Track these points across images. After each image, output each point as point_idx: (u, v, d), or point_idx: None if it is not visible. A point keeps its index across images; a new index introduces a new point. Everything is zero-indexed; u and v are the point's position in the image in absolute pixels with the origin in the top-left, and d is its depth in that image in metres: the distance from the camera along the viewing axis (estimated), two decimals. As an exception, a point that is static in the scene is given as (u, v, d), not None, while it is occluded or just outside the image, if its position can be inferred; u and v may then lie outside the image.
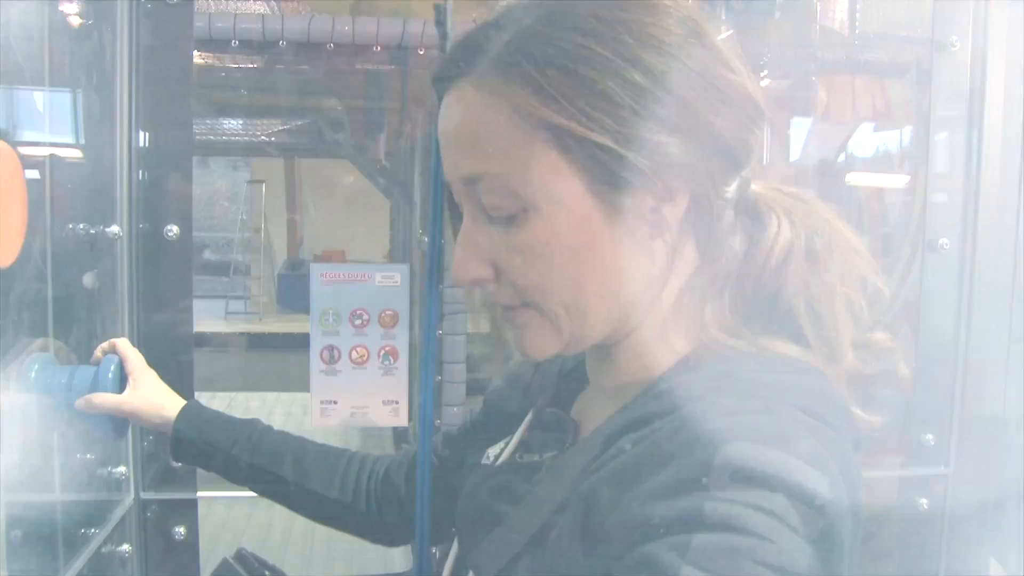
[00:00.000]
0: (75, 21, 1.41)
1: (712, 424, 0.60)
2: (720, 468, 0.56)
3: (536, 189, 0.67)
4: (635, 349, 0.75)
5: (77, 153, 1.49)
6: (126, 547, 1.61)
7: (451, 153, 0.72)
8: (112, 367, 1.29)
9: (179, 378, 1.53)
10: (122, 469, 1.60)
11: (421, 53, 2.41)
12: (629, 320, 0.73)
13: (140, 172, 1.57)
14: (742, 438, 0.58)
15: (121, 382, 1.30)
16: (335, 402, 2.03)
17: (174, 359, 1.60)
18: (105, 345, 1.31)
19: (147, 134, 1.57)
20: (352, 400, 2.03)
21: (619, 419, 0.71)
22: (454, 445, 1.09)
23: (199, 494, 1.68)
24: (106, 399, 1.24)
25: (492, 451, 0.90)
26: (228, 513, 3.80)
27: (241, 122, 6.06)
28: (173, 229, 1.58)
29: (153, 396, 1.26)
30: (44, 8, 1.33)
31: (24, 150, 1.30)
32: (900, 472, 1.97)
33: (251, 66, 3.43)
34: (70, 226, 1.44)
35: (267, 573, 1.05)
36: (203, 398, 1.39)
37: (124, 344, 1.31)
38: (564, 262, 0.68)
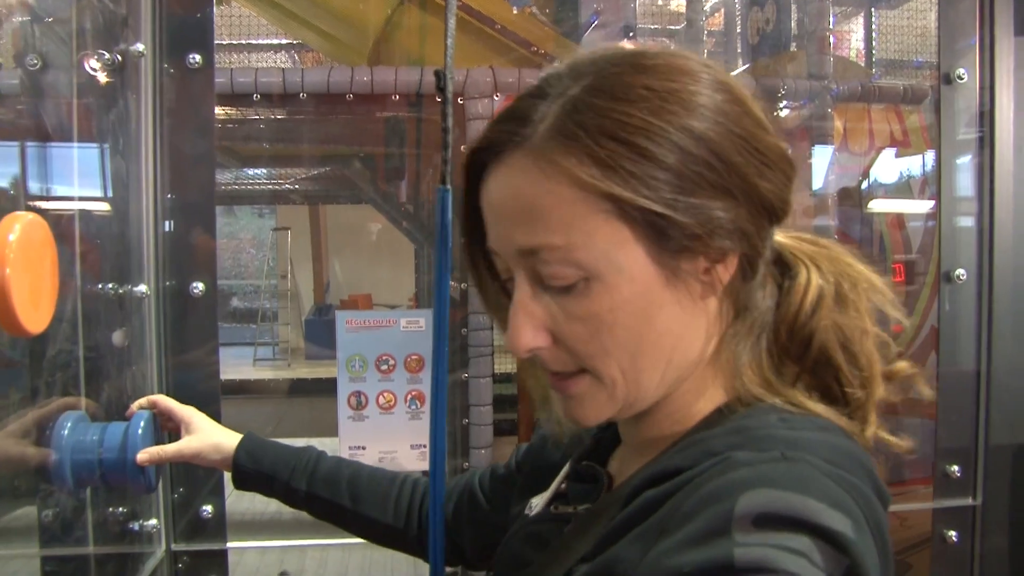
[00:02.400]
0: (102, 86, 1.46)
1: (730, 475, 0.62)
2: (743, 515, 0.57)
3: (599, 259, 0.68)
4: (668, 406, 0.77)
5: (105, 214, 1.54)
6: (159, 599, 1.64)
7: (506, 225, 0.72)
8: (142, 422, 1.31)
9: None
10: (153, 522, 1.63)
11: (439, 100, 2.45)
12: (679, 380, 0.75)
13: (165, 232, 1.61)
14: (761, 484, 0.60)
15: (152, 436, 1.33)
16: (363, 447, 2.05)
17: (202, 411, 1.64)
18: (143, 401, 1.34)
19: (171, 194, 1.61)
20: (380, 445, 2.05)
21: (643, 473, 0.72)
22: (498, 484, 1.12)
23: (229, 545, 1.70)
24: (167, 448, 1.28)
25: (535, 501, 0.92)
26: (260, 560, 3.79)
27: (266, 171, 6.12)
28: (198, 286, 1.62)
29: (210, 435, 1.30)
30: (72, 74, 1.39)
31: (54, 213, 1.34)
32: (928, 504, 1.96)
33: (274, 117, 3.51)
34: (100, 286, 1.48)
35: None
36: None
37: (164, 399, 1.35)
38: (626, 328, 0.69)
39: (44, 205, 1.35)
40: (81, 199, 1.43)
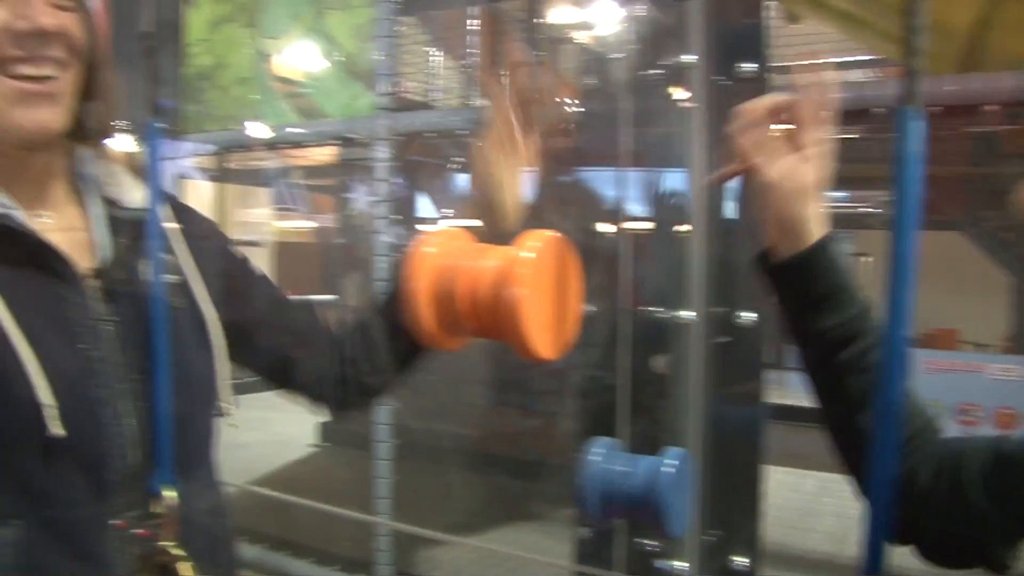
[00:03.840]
0: (651, 101, 1.42)
1: None
2: None
3: None
4: None
5: (653, 235, 1.49)
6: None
7: None
8: (672, 461, 1.23)
9: (746, 468, 1.49)
10: (683, 564, 1.53)
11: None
12: None
13: (715, 255, 1.51)
14: None
15: (684, 477, 1.23)
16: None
17: (743, 446, 1.52)
18: None
19: (723, 215, 1.50)
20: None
21: None
22: None
23: (767, 599, 1.55)
24: None
25: None
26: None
27: (842, 193, 5.98)
28: (747, 315, 1.49)
29: None
30: (624, 91, 1.36)
31: (598, 233, 1.32)
32: None
33: (849, 136, 3.31)
34: (644, 310, 1.44)
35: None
36: (792, 475, 1.28)
37: None
38: None
39: (589, 225, 1.34)
40: (628, 218, 1.40)
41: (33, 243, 0.79)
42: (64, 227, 0.86)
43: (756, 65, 1.42)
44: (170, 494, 0.82)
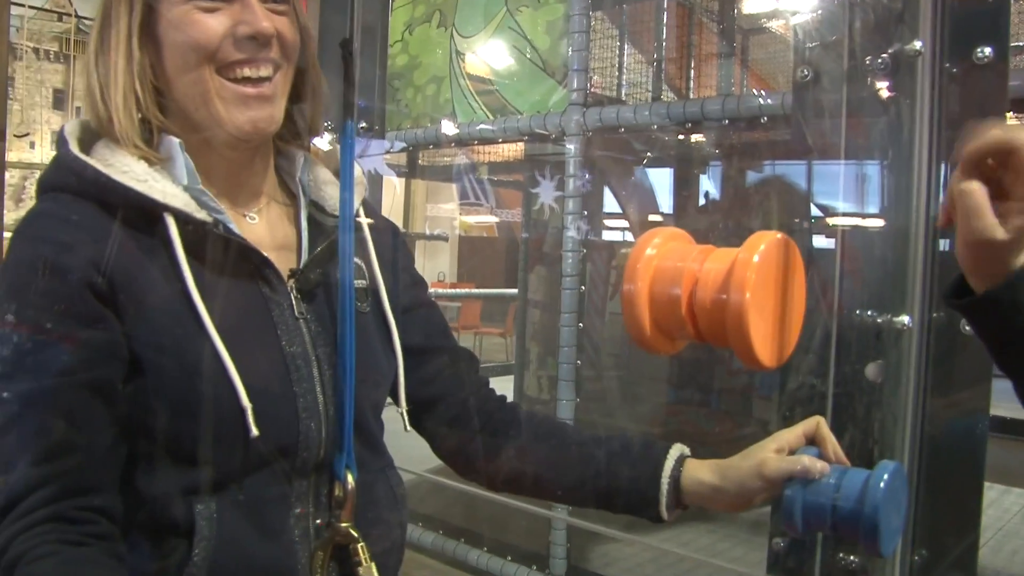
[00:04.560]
0: (871, 93, 1.34)
1: None
2: None
3: None
4: None
5: (867, 235, 1.41)
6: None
7: None
8: (886, 475, 1.14)
9: (963, 485, 1.41)
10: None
11: None
12: None
13: (937, 256, 1.40)
14: None
15: (900, 493, 1.15)
16: None
17: (961, 461, 1.43)
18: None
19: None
20: None
21: None
22: None
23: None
24: None
25: None
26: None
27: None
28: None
29: None
30: (841, 83, 1.29)
31: (810, 233, 1.26)
32: None
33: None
34: (856, 314, 1.36)
35: None
36: (993, 491, 1.18)
37: None
38: None
39: (801, 225, 1.28)
40: (842, 217, 1.33)
41: (242, 248, 0.83)
42: (269, 226, 0.90)
43: (992, 49, 1.30)
44: (350, 479, 0.86)
